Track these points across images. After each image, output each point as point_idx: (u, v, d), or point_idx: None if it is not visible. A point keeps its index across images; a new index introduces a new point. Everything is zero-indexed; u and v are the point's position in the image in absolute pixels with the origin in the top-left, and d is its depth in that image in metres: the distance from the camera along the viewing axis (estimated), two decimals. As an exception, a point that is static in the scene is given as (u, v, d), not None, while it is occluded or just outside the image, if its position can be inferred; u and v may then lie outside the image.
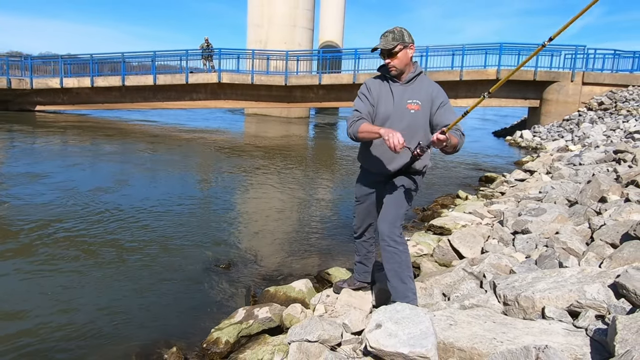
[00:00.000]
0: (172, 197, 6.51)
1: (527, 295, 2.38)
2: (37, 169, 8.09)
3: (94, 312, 3.20)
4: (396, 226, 2.65)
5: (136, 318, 3.16)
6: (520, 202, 5.40)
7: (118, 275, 3.82)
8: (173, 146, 12.28)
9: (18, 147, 10.83)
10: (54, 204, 5.78)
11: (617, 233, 3.10)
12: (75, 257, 4.15)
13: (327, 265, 4.09)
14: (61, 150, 10.79)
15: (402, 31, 2.54)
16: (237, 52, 19.74)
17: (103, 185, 7.03)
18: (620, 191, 4.37)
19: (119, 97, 19.58)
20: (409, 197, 2.71)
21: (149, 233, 4.90)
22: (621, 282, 2.19)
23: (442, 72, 18.48)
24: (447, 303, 2.80)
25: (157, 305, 3.36)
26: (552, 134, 15.14)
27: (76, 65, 19.81)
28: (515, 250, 3.68)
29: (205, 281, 3.80)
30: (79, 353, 2.75)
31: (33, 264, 3.96)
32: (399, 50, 2.52)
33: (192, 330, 3.02)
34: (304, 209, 6.38)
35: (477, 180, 8.77)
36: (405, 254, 2.65)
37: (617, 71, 18.44)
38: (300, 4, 23.04)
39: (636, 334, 1.73)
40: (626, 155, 6.66)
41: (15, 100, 19.52)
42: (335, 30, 34.65)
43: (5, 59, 20.46)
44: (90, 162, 9.46)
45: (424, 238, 4.48)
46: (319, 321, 2.48)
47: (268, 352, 2.57)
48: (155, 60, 19.13)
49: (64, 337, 2.89)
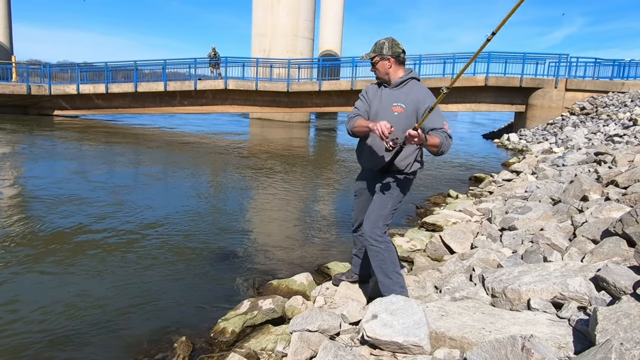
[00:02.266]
0: (182, 196, 6.51)
1: (513, 287, 2.38)
2: (55, 169, 8.10)
3: (109, 303, 3.21)
4: (378, 226, 2.66)
5: (148, 309, 3.17)
6: (507, 201, 5.40)
7: (132, 270, 3.82)
8: (184, 148, 12.27)
9: (38, 148, 10.82)
10: (72, 200, 5.78)
11: (598, 230, 3.10)
12: (92, 253, 4.15)
13: (327, 259, 4.10)
14: (78, 151, 10.78)
15: (383, 44, 2.61)
16: (242, 60, 19.76)
17: (118, 183, 7.02)
18: (601, 190, 4.37)
19: (132, 103, 19.57)
20: (392, 197, 2.68)
21: (160, 230, 4.89)
22: (602, 276, 2.19)
23: (434, 79, 18.43)
24: (439, 295, 2.80)
25: (168, 297, 3.36)
26: (537, 137, 15.14)
27: (92, 72, 19.78)
28: (503, 245, 3.69)
29: (212, 275, 3.81)
30: (95, 340, 2.76)
31: (53, 257, 3.96)
32: (377, 61, 2.62)
33: (200, 321, 3.02)
34: (304, 207, 6.38)
35: (467, 180, 8.76)
36: (388, 251, 2.65)
37: (598, 78, 18.43)
38: (302, 15, 23.08)
39: (615, 324, 1.73)
40: (606, 157, 6.66)
41: (35, 105, 19.51)
42: (334, 40, 34.62)
43: (26, 66, 20.47)
44: (106, 162, 9.45)
45: (417, 234, 4.49)
46: (319, 312, 2.48)
47: (271, 341, 2.57)
48: (165, 68, 19.11)
49: (81, 326, 2.90)
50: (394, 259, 2.68)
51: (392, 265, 2.65)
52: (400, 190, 2.70)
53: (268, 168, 9.38)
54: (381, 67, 2.63)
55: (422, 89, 2.62)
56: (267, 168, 9.38)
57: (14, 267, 3.76)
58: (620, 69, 18.68)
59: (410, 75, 2.65)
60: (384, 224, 2.68)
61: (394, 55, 2.60)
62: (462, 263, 3.22)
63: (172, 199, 6.34)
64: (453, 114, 32.94)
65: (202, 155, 11.34)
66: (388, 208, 2.68)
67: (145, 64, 19.83)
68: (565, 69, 18.06)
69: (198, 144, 13.24)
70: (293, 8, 22.72)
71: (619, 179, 4.39)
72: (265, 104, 19.70)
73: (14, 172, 7.97)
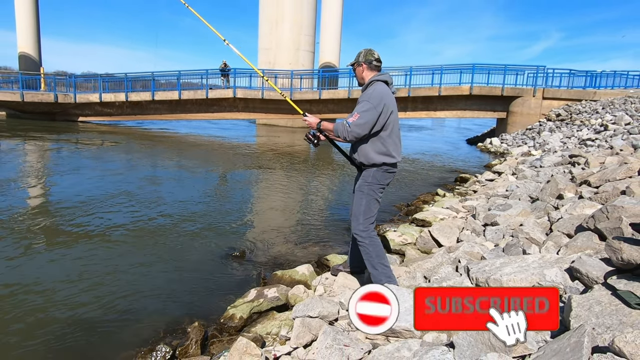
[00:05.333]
0: (195, 194, 6.50)
1: (495, 277, 2.38)
2: (81, 168, 8.09)
3: (127, 293, 3.20)
4: (359, 222, 2.66)
5: (163, 298, 3.17)
6: (490, 199, 5.39)
7: (148, 262, 3.82)
8: (198, 150, 12.27)
9: (65, 150, 10.83)
10: (94, 196, 5.78)
11: (572, 225, 3.09)
12: (111, 244, 4.15)
13: (326, 252, 4.09)
14: (101, 152, 10.77)
15: (360, 53, 2.75)
16: (249, 72, 19.75)
17: (137, 182, 7.02)
18: (574, 189, 4.36)
19: (149, 110, 19.57)
20: (364, 193, 2.67)
21: (175, 225, 4.89)
22: (575, 267, 2.19)
23: (424, 89, 18.46)
24: (428, 284, 2.80)
25: (181, 286, 3.36)
26: (517, 141, 15.11)
27: (113, 82, 19.78)
28: (486, 239, 3.68)
29: (222, 266, 3.80)
30: (114, 326, 2.76)
31: (76, 248, 3.97)
32: (355, 68, 2.77)
33: (211, 308, 3.02)
34: (306, 205, 6.37)
35: (453, 180, 8.75)
36: (372, 245, 2.65)
37: (572, 87, 18.42)
38: (303, 31, 23.15)
39: (588, 311, 1.73)
40: (580, 159, 6.65)
41: (61, 112, 19.53)
42: (333, 53, 34.60)
43: (53, 77, 20.53)
44: (126, 162, 9.45)
45: (408, 229, 4.48)
46: (319, 300, 2.48)
47: (276, 326, 2.57)
48: (180, 78, 19.15)
49: (100, 312, 2.90)
50: (379, 252, 2.66)
51: (377, 257, 2.65)
52: (367, 185, 2.65)
53: (273, 170, 9.38)
54: (358, 72, 2.76)
55: (368, 90, 2.63)
56: (273, 170, 9.38)
57: (45, 254, 3.76)
58: (593, 79, 18.69)
59: (373, 78, 2.67)
60: (365, 219, 2.66)
61: (367, 62, 2.70)
62: (449, 255, 3.22)
63: (187, 195, 6.32)
64: (441, 120, 32.87)
65: (213, 158, 11.33)
66: (363, 204, 2.66)
67: (162, 75, 19.85)
68: (543, 79, 18.07)
69: (208, 147, 13.23)
70: (295, 24, 22.83)
71: (591, 179, 4.39)
72: (270, 111, 19.71)
73: (64, 170, 7.97)
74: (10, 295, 3.08)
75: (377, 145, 2.60)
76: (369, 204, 2.67)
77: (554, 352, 1.51)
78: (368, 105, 2.51)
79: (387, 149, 2.61)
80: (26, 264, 3.65)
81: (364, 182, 2.68)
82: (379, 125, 2.55)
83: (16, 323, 2.73)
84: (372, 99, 2.53)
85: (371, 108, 2.50)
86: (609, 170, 4.43)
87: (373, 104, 2.51)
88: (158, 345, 2.48)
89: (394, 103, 2.66)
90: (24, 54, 33.87)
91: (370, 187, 2.66)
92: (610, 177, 4.21)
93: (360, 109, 2.52)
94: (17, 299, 3.03)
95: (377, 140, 2.59)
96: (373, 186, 2.66)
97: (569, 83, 18.61)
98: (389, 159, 2.62)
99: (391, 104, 2.60)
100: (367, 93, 2.60)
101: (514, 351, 1.62)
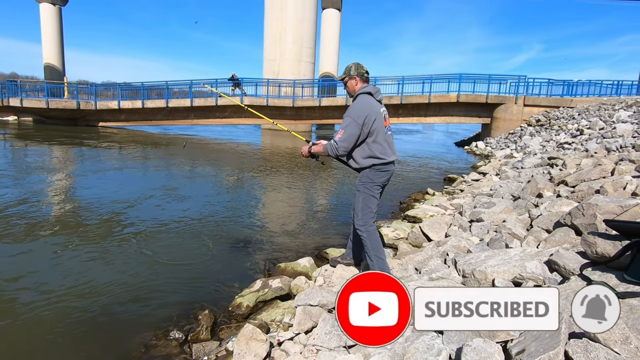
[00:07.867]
0: (204, 193, 6.50)
1: (481, 269, 2.38)
2: (101, 168, 8.09)
3: (143, 283, 3.20)
4: (358, 217, 2.72)
5: (176, 287, 3.16)
6: (476, 197, 5.39)
7: (161, 254, 3.81)
8: (209, 152, 12.25)
9: (88, 151, 10.83)
10: (112, 192, 5.78)
11: (550, 221, 3.09)
12: (126, 238, 4.15)
13: (326, 246, 4.09)
14: (121, 155, 10.77)
15: (350, 67, 2.74)
16: (255, 81, 19.85)
17: (152, 182, 7.01)
18: (553, 189, 4.36)
19: (164, 116, 19.58)
20: (360, 192, 2.72)
21: (186, 220, 4.89)
22: (554, 260, 2.19)
23: (415, 97, 18.46)
24: (419, 276, 2.80)
25: (193, 277, 3.35)
26: (500, 144, 15.11)
27: (130, 90, 19.80)
28: (472, 234, 3.68)
29: (230, 258, 3.80)
30: (131, 311, 2.76)
31: (92, 243, 3.96)
32: (347, 81, 2.74)
33: (220, 297, 3.02)
34: (307, 202, 6.37)
35: (442, 180, 8.76)
36: (369, 239, 2.69)
37: (551, 95, 18.43)
38: (305, 43, 23.19)
39: (565, 300, 1.73)
40: (557, 161, 6.64)
41: (83, 118, 19.54)
42: (332, 63, 34.62)
43: (76, 86, 20.54)
44: (142, 164, 9.45)
45: (400, 225, 4.48)
46: (319, 290, 2.48)
47: (279, 314, 2.57)
48: (192, 87, 19.17)
49: (120, 300, 2.89)
50: (375, 245, 2.69)
51: (373, 250, 2.69)
52: (363, 184, 2.71)
53: (278, 170, 9.37)
54: (350, 85, 2.75)
55: (353, 105, 2.67)
56: (277, 170, 9.37)
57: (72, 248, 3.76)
58: (570, 87, 18.72)
59: (360, 90, 2.69)
60: (364, 215, 2.70)
61: (359, 74, 2.71)
62: (438, 249, 3.22)
63: (196, 195, 6.32)
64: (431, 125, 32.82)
65: (222, 159, 11.33)
66: (360, 201, 2.71)
67: (175, 84, 19.87)
68: (524, 87, 18.08)
69: (219, 150, 13.23)
70: (297, 38, 22.87)
71: (568, 179, 4.39)
72: (274, 117, 19.73)
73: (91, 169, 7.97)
74: (40, 284, 3.08)
75: (364, 150, 2.66)
76: (366, 201, 2.71)
77: (534, 338, 1.51)
78: (349, 120, 2.57)
79: (372, 152, 2.65)
80: (59, 257, 3.65)
81: (359, 182, 2.74)
82: (363, 135, 2.60)
83: (44, 308, 2.73)
84: (352, 113, 2.58)
85: (352, 122, 2.56)
86: (584, 171, 4.43)
87: (353, 117, 2.57)
88: (172, 331, 2.48)
89: (379, 110, 2.64)
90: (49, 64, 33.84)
91: (365, 185, 2.70)
92: (585, 177, 4.21)
93: (343, 125, 2.60)
94: (46, 288, 3.02)
95: (365, 146, 2.65)
96: (368, 184, 2.70)
97: (548, 91, 18.63)
98: (376, 161, 2.66)
99: (374, 112, 2.60)
100: (350, 108, 2.64)
101: (498, 337, 1.62)
